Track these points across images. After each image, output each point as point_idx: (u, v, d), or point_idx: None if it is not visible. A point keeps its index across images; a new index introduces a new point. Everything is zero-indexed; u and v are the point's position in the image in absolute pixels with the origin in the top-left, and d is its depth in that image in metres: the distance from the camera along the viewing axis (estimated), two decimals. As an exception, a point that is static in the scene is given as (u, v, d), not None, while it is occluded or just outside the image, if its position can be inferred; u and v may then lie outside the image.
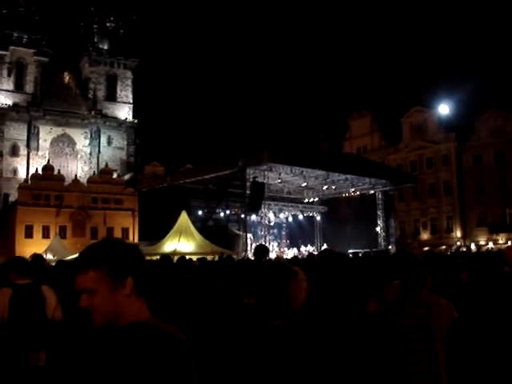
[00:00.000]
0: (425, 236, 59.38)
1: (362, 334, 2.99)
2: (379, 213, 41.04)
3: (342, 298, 3.17)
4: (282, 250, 41.17)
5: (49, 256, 33.60)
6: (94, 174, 64.92)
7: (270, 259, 13.23)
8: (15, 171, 73.37)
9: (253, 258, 12.58)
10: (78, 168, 75.89)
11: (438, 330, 3.32)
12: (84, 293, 1.82)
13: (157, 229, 35.12)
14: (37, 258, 7.27)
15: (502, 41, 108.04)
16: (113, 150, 79.87)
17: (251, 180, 32.01)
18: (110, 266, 1.82)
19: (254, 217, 36.37)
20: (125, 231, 56.09)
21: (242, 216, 37.82)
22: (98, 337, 1.84)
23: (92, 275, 1.81)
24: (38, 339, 5.32)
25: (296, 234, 47.82)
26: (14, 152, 74.32)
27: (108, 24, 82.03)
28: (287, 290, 2.61)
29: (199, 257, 16.32)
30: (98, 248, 1.89)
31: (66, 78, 78.67)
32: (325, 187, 39.15)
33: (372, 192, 41.51)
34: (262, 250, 7.35)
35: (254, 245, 34.52)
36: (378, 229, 41.27)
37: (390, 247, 38.73)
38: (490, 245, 49.62)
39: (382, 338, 3.06)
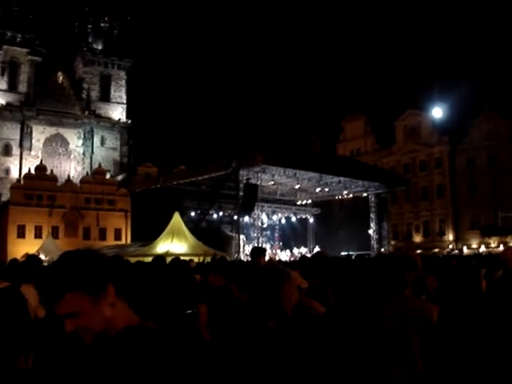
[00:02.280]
0: (417, 239, 59.48)
1: (350, 336, 3.01)
2: (372, 215, 41.09)
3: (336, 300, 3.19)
4: (274, 251, 41.13)
5: (41, 256, 33.35)
6: (86, 174, 64.68)
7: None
8: (7, 171, 73.09)
9: (250, 260, 12.59)
10: (71, 168, 75.66)
11: (414, 331, 3.35)
12: (67, 318, 1.68)
13: (149, 230, 35.02)
14: (31, 258, 7.19)
15: (495, 45, 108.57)
16: (106, 150, 79.66)
17: (244, 182, 32.03)
18: (85, 282, 1.68)
19: (246, 218, 36.34)
20: (117, 232, 55.97)
21: (235, 218, 37.73)
22: (91, 344, 1.74)
23: (70, 298, 1.66)
24: (24, 342, 5.20)
25: (289, 235, 47.86)
26: (7, 152, 74.06)
27: (102, 24, 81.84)
28: (280, 292, 2.63)
29: (191, 258, 16.33)
30: (66, 267, 1.71)
31: (60, 77, 78.42)
32: (318, 189, 39.15)
33: (365, 195, 41.56)
34: (258, 251, 7.38)
35: (246, 246, 34.50)
36: (370, 231, 41.33)
37: (382, 250, 38.78)
38: (482, 248, 49.77)
39: (368, 340, 3.09)
